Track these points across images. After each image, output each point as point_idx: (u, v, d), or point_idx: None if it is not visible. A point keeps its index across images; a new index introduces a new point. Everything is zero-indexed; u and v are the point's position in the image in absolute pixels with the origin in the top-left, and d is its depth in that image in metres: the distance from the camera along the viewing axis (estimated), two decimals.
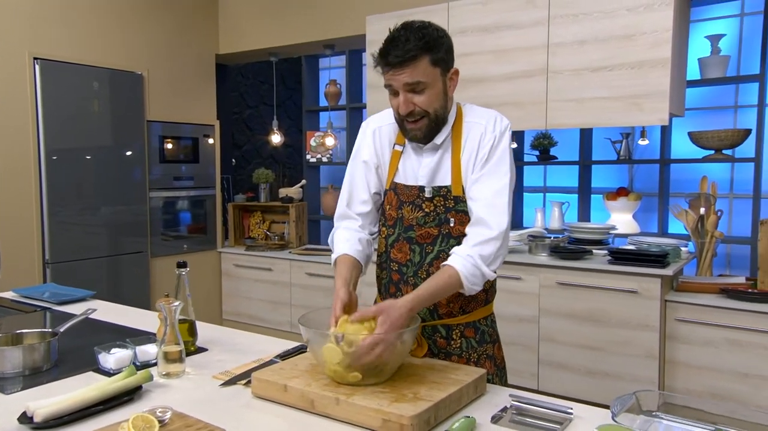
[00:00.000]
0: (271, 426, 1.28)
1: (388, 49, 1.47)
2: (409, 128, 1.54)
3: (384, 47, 1.49)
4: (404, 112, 1.50)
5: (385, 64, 1.48)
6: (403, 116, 1.52)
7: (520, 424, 1.28)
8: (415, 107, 1.50)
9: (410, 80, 1.46)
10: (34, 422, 1.23)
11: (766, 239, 2.90)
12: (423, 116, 1.51)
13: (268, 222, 4.85)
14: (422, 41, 1.46)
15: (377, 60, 1.51)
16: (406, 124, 1.54)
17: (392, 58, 1.46)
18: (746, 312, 2.74)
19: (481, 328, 1.61)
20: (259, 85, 5.93)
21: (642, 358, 2.90)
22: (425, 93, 1.49)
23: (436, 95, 1.50)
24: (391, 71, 1.48)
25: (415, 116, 1.51)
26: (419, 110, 1.50)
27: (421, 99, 1.49)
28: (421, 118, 1.51)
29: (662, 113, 2.86)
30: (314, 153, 5.31)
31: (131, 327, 2.03)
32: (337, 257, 1.62)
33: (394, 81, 1.49)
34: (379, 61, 1.50)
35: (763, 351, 2.70)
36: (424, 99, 1.49)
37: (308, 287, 4.15)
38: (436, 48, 1.48)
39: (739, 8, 3.98)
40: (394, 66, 1.46)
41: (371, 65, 3.75)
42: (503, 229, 1.47)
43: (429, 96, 1.49)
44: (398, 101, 1.51)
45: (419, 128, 1.52)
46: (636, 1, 2.89)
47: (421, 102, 1.49)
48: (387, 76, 1.50)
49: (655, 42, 2.85)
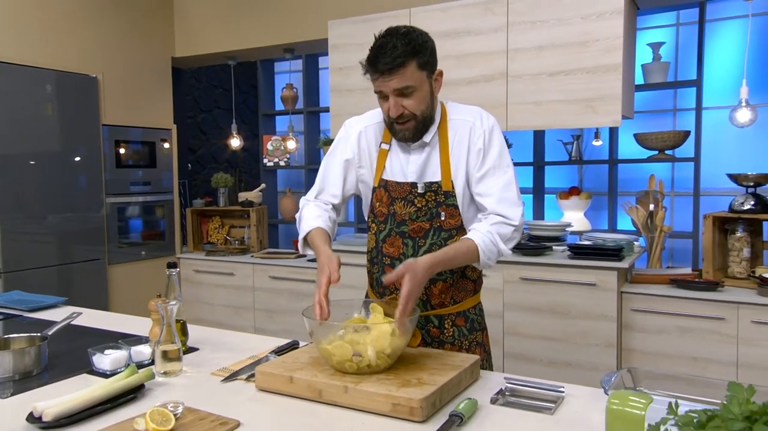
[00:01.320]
0: (282, 416, 1.32)
1: (377, 56, 1.54)
2: (398, 128, 1.61)
3: (372, 55, 1.55)
4: (395, 115, 1.58)
5: (375, 71, 1.55)
6: (393, 118, 1.59)
7: (517, 404, 1.37)
8: (405, 110, 1.57)
9: (399, 86, 1.54)
10: (44, 421, 1.23)
11: (709, 232, 3.12)
12: (411, 118, 1.59)
13: (227, 227, 4.82)
14: (409, 47, 1.54)
15: (366, 67, 1.58)
16: (396, 125, 1.61)
17: (382, 65, 1.53)
18: (694, 300, 2.93)
19: (471, 316, 1.69)
20: (212, 89, 5.86)
21: (601, 347, 3.06)
22: (413, 96, 1.57)
23: (423, 97, 1.58)
24: (380, 78, 1.55)
25: (405, 119, 1.59)
26: (408, 113, 1.57)
27: (409, 102, 1.57)
28: (408, 120, 1.59)
29: (615, 115, 3.04)
30: (271, 157, 5.31)
31: (113, 330, 2.01)
32: (310, 230, 1.67)
33: (384, 87, 1.56)
34: (369, 68, 1.57)
35: (710, 335, 2.89)
36: (413, 102, 1.57)
37: (272, 291, 4.15)
38: (421, 52, 1.56)
39: (675, 18, 4.26)
40: (384, 73, 1.53)
41: (336, 69, 3.83)
42: (518, 220, 1.58)
43: (417, 99, 1.57)
44: (388, 105, 1.58)
45: (408, 128, 1.60)
46: (589, 10, 3.06)
47: (410, 105, 1.57)
48: (377, 83, 1.58)
49: (607, 48, 3.03)
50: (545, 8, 3.16)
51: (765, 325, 2.78)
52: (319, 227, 1.66)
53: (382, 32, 1.59)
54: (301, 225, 1.72)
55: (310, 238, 1.67)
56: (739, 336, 2.84)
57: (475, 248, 1.52)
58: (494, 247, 1.54)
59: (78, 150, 3.94)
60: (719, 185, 3.96)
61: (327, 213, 1.73)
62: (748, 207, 3.06)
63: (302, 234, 1.70)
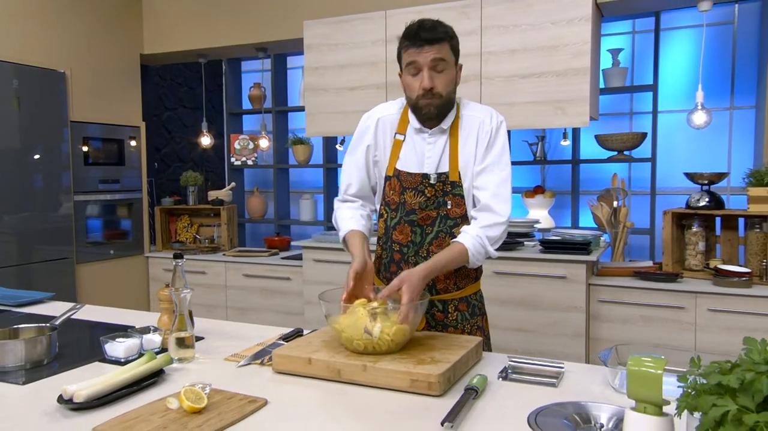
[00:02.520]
0: (305, 395, 1.38)
1: (419, 30, 1.65)
2: (423, 104, 1.69)
3: (414, 28, 1.66)
4: (428, 86, 1.65)
5: (416, 39, 1.64)
6: (425, 90, 1.66)
7: (522, 380, 1.47)
8: (435, 85, 1.66)
9: (437, 56, 1.64)
10: (75, 402, 1.26)
11: (669, 227, 3.33)
12: (438, 95, 1.68)
13: (196, 226, 4.80)
14: (444, 30, 1.67)
15: (405, 41, 1.67)
16: (422, 100, 1.69)
17: (425, 34, 1.63)
18: (655, 291, 3.13)
19: (472, 302, 1.80)
20: (177, 87, 5.81)
21: (571, 337, 3.22)
22: (444, 74, 1.67)
23: (450, 79, 1.69)
24: (418, 49, 1.64)
25: (433, 95, 1.67)
26: (437, 90, 1.67)
27: (440, 80, 1.67)
28: (435, 97, 1.68)
29: (584, 117, 3.22)
30: (239, 156, 5.30)
31: (111, 322, 2.03)
32: (346, 234, 1.76)
33: (421, 57, 1.65)
34: (408, 40, 1.66)
35: (670, 323, 3.09)
36: (442, 81, 1.67)
37: (245, 289, 4.16)
38: (454, 38, 1.70)
39: (632, 26, 4.49)
40: (425, 43, 1.63)
41: (311, 69, 3.88)
42: (507, 217, 1.68)
43: (446, 78, 1.68)
44: (420, 79, 1.66)
45: (433, 104, 1.69)
46: (559, 16, 3.22)
47: (440, 83, 1.67)
48: (412, 54, 1.66)
49: (576, 53, 3.20)
50: (518, 13, 3.31)
51: (720, 313, 2.99)
52: (352, 230, 1.75)
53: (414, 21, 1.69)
54: (339, 227, 1.82)
55: (345, 242, 1.76)
56: (697, 323, 3.05)
57: (466, 251, 1.63)
58: (483, 249, 1.65)
59: (45, 147, 3.86)
60: (673, 184, 4.20)
61: (358, 212, 1.82)
62: (703, 204, 3.28)
63: (341, 237, 1.80)
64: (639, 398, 1.00)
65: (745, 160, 4.02)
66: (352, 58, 3.72)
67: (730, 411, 0.72)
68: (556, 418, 1.24)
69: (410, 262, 1.75)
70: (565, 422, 1.22)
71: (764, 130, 3.64)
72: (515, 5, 3.31)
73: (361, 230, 1.75)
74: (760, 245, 3.15)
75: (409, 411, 1.28)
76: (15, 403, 1.35)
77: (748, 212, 3.15)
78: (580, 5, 3.17)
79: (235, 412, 1.25)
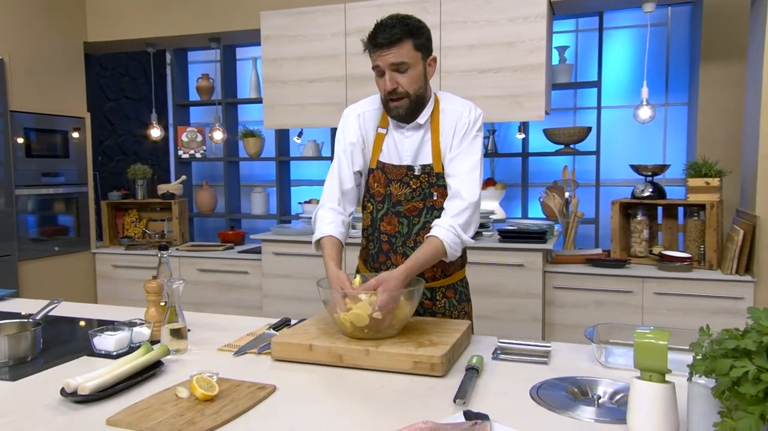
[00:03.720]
0: (309, 380, 1.40)
1: (377, 32, 1.67)
2: (392, 105, 1.73)
3: (372, 32, 1.68)
4: (389, 89, 1.69)
5: (374, 45, 1.67)
6: (388, 93, 1.70)
7: (515, 360, 1.54)
8: (398, 86, 1.69)
9: (395, 60, 1.66)
10: (80, 395, 1.24)
11: (617, 216, 3.52)
12: (404, 95, 1.71)
13: (145, 220, 4.66)
14: (406, 27, 1.68)
15: (366, 43, 1.70)
16: (390, 102, 1.72)
17: (380, 39, 1.66)
18: (606, 277, 3.30)
19: (459, 289, 1.86)
20: (119, 77, 5.60)
21: (528, 322, 3.35)
22: (408, 73, 1.69)
23: (416, 77, 1.71)
24: (378, 52, 1.67)
25: (398, 95, 1.70)
26: (401, 90, 1.69)
27: (403, 79, 1.69)
28: (402, 97, 1.71)
29: (539, 111, 3.35)
30: (187, 149, 5.18)
31: (88, 317, 1.97)
32: (322, 238, 1.75)
33: (381, 61, 1.68)
34: (368, 43, 1.69)
35: (620, 307, 3.28)
36: (407, 79, 1.69)
37: (200, 284, 4.09)
38: (417, 34, 1.70)
39: (575, 25, 4.69)
40: (382, 47, 1.66)
41: (269, 61, 3.84)
42: (475, 199, 1.73)
43: (410, 77, 1.70)
44: (384, 81, 1.69)
45: (401, 105, 1.72)
46: (515, 13, 3.33)
47: (404, 82, 1.69)
48: (374, 57, 1.69)
49: (531, 49, 3.32)
50: (476, 10, 3.40)
51: (665, 295, 3.20)
52: (330, 236, 1.74)
53: (384, 17, 1.71)
54: (315, 227, 1.81)
55: (321, 246, 1.76)
56: (644, 306, 3.24)
57: (441, 244, 1.65)
58: (458, 239, 1.67)
59: None
60: (613, 175, 4.42)
61: (340, 217, 1.79)
62: (647, 194, 3.48)
63: (315, 239, 1.79)
64: (645, 367, 1.09)
65: (679, 153, 4.29)
66: (311, 51, 3.71)
67: (749, 371, 0.81)
68: (556, 391, 1.31)
69: (398, 252, 1.79)
70: (564, 394, 1.30)
71: (697, 125, 3.89)
72: (473, 2, 3.40)
73: (337, 237, 1.75)
74: (698, 232, 3.38)
75: (415, 392, 1.33)
76: (10, 398, 1.30)
77: (688, 201, 3.37)
78: (536, 3, 3.30)
79: (247, 398, 1.26)
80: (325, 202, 1.84)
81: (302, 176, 5.12)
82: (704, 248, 3.32)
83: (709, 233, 3.28)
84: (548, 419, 1.18)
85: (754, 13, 3.27)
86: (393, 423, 1.14)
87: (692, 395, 1.04)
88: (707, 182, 3.31)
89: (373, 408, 1.24)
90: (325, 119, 3.76)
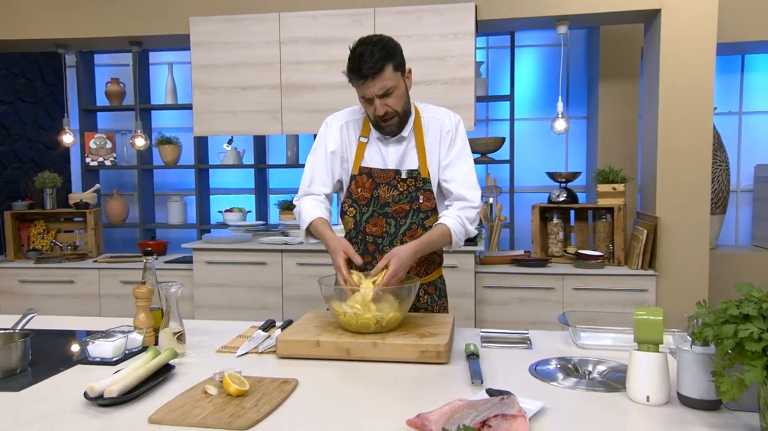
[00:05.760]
0: (323, 374, 1.46)
1: (360, 64, 1.75)
2: (384, 125, 1.84)
3: (355, 63, 1.76)
4: (381, 113, 1.80)
5: (360, 77, 1.76)
6: (379, 117, 1.81)
7: (501, 347, 1.69)
8: (388, 108, 1.80)
9: (382, 88, 1.77)
10: (107, 398, 1.22)
11: (537, 219, 3.82)
12: (394, 115, 1.83)
13: (53, 232, 4.37)
14: (384, 51, 1.77)
15: (350, 75, 1.78)
16: (382, 123, 1.83)
17: (365, 70, 1.74)
18: (530, 275, 3.58)
19: (438, 285, 1.99)
20: (13, 78, 5.21)
21: (461, 320, 3.54)
22: (394, 95, 1.80)
23: (401, 95, 1.83)
24: (364, 83, 1.76)
25: (389, 116, 1.82)
26: (391, 111, 1.81)
27: (392, 101, 1.81)
28: (392, 117, 1.83)
29: (469, 121, 3.56)
30: (95, 156, 4.93)
31: (56, 329, 1.90)
32: (313, 220, 1.84)
33: (368, 92, 1.78)
34: (353, 75, 1.77)
35: (543, 303, 3.56)
36: (394, 101, 1.81)
37: (123, 296, 3.91)
38: (394, 55, 1.81)
39: (486, 42, 5.01)
40: (368, 78, 1.74)
41: (199, 67, 3.78)
42: (478, 201, 1.89)
43: (396, 97, 1.81)
44: (374, 107, 1.79)
45: (392, 124, 1.84)
46: (446, 29, 3.54)
47: (392, 104, 1.81)
48: (361, 89, 1.78)
49: (461, 63, 3.54)
50: (409, 24, 3.57)
51: (582, 290, 3.52)
52: (319, 217, 1.83)
53: (356, 43, 1.79)
54: (301, 218, 1.88)
55: (312, 228, 1.83)
56: (564, 301, 3.54)
57: (449, 231, 1.80)
58: (463, 229, 1.84)
59: None
60: (523, 183, 4.75)
61: (323, 204, 1.90)
62: (562, 199, 3.81)
63: (304, 225, 1.86)
64: (643, 340, 1.27)
65: (580, 162, 4.71)
66: (244, 58, 3.70)
67: (752, 332, 1.00)
68: (552, 369, 1.47)
69: (384, 251, 1.88)
70: (560, 371, 1.46)
71: (597, 137, 4.31)
72: (406, 17, 3.57)
73: (325, 217, 1.85)
74: (606, 233, 3.75)
75: (427, 378, 1.43)
76: (28, 408, 1.26)
77: (598, 204, 3.74)
78: (465, 21, 3.52)
79: (277, 392, 1.30)
80: (301, 195, 1.94)
81: (221, 184, 5.03)
82: (613, 247, 3.69)
83: (618, 233, 3.65)
84: (555, 391, 1.33)
85: (649, 37, 3.70)
86: (422, 405, 1.22)
87: (683, 361, 1.24)
88: (614, 188, 3.69)
89: (397, 395, 1.33)
90: (258, 126, 3.76)
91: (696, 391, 1.21)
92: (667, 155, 3.47)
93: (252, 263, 3.70)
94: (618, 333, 1.70)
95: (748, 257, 4.06)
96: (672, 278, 3.48)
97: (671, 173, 3.46)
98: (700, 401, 1.21)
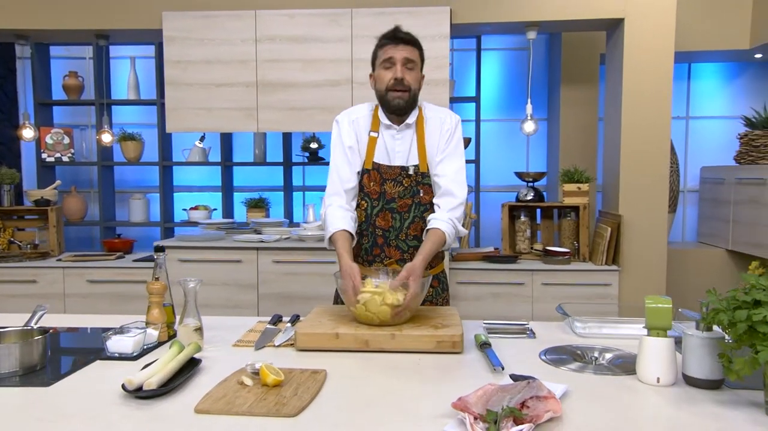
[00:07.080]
0: (347, 364, 1.51)
1: (396, 32, 1.94)
2: (393, 96, 1.92)
3: (391, 31, 1.95)
4: (399, 76, 1.90)
5: (394, 39, 1.92)
6: (397, 81, 1.90)
7: (506, 336, 1.78)
8: (405, 78, 1.90)
9: (409, 56, 1.92)
10: (147, 390, 1.23)
11: (506, 218, 3.95)
12: (408, 89, 1.92)
13: (10, 229, 4.20)
14: (416, 38, 1.97)
15: (383, 40, 1.95)
16: (392, 93, 1.92)
17: (402, 35, 1.93)
18: (500, 271, 3.70)
19: (441, 279, 2.06)
20: None
21: None
22: (414, 72, 1.95)
23: (417, 78, 1.96)
24: (395, 45, 1.91)
25: (403, 86, 1.91)
26: (407, 83, 1.91)
27: (410, 75, 1.93)
28: (406, 90, 1.92)
29: None
30: (51, 152, 4.77)
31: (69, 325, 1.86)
32: (336, 232, 1.89)
33: (397, 53, 1.91)
34: (386, 39, 1.94)
35: (513, 298, 3.69)
36: (412, 76, 1.94)
37: (90, 296, 3.81)
38: (421, 49, 1.99)
39: (451, 45, 5.13)
40: (401, 42, 1.91)
41: (172, 62, 3.74)
42: (464, 197, 1.97)
43: (415, 75, 1.95)
44: (393, 71, 1.91)
45: (402, 97, 1.93)
46: (422, 32, 3.53)
47: (410, 78, 1.93)
48: (389, 51, 1.92)
49: (438, 65, 3.63)
50: (385, 25, 3.55)
51: (550, 285, 3.67)
52: (341, 230, 1.88)
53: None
54: (326, 226, 1.94)
55: (333, 241, 1.89)
56: (533, 296, 3.69)
57: (443, 235, 1.88)
58: (454, 230, 1.92)
59: None
60: (486, 182, 4.89)
61: (349, 213, 1.95)
62: (530, 198, 3.96)
63: (328, 235, 1.92)
64: (654, 326, 1.38)
65: (540, 162, 4.89)
66: (219, 55, 3.67)
67: (765, 316, 1.11)
68: (562, 356, 1.57)
69: (392, 245, 1.95)
70: (570, 358, 1.56)
71: (559, 138, 4.49)
72: (383, 19, 3.62)
73: (350, 231, 1.91)
74: (572, 230, 3.92)
75: (448, 366, 1.50)
76: (64, 401, 1.25)
77: (564, 203, 3.90)
78: (440, 24, 3.62)
79: (311, 381, 1.34)
80: (332, 202, 1.98)
81: (184, 182, 4.96)
82: (578, 243, 3.86)
83: (582, 230, 3.82)
84: (569, 376, 1.42)
85: (612, 45, 3.89)
86: (453, 389, 1.28)
87: (690, 345, 1.35)
88: (579, 187, 3.86)
89: (424, 382, 1.39)
90: (233, 123, 3.74)
91: (701, 372, 1.33)
92: (630, 156, 3.66)
93: (226, 261, 3.68)
94: (612, 323, 1.81)
95: (695, 253, 4.31)
96: (633, 273, 3.68)
97: (633, 173, 3.66)
98: (705, 381, 1.33)
